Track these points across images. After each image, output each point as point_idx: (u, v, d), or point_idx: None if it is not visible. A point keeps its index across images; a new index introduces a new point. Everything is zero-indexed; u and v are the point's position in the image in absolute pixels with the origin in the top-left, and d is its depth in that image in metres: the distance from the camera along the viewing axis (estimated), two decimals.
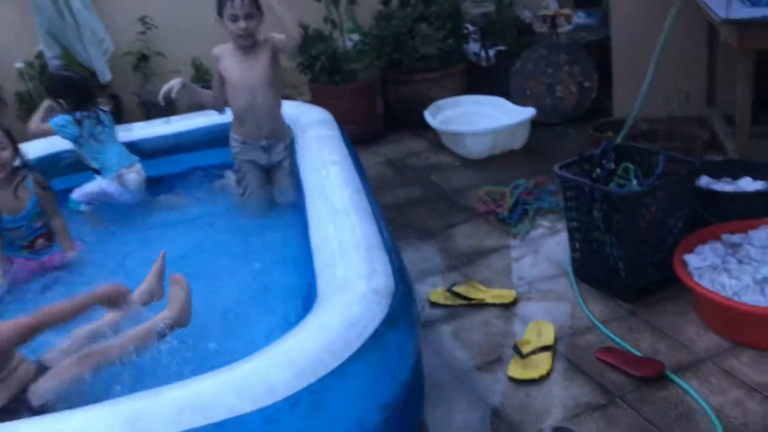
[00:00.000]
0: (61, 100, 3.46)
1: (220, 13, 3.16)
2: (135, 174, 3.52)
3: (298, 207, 3.11)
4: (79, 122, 3.41)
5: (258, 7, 3.15)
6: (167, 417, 1.54)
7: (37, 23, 4.84)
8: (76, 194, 3.50)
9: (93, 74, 4.94)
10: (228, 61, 3.27)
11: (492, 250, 3.28)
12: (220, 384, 1.65)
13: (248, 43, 3.19)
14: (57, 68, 4.77)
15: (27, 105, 5.01)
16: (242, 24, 3.10)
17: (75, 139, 3.46)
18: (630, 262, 2.67)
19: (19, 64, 4.92)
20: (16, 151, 3.02)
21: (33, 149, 3.47)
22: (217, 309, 2.59)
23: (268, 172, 3.49)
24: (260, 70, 3.23)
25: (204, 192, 3.79)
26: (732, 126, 3.53)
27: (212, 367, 1.76)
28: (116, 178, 3.48)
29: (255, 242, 3.16)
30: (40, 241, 3.12)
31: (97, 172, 3.53)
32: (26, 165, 3.09)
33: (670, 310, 2.64)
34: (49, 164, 3.57)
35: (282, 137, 3.45)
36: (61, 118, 3.42)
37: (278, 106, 3.41)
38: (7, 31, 5.06)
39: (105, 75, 4.98)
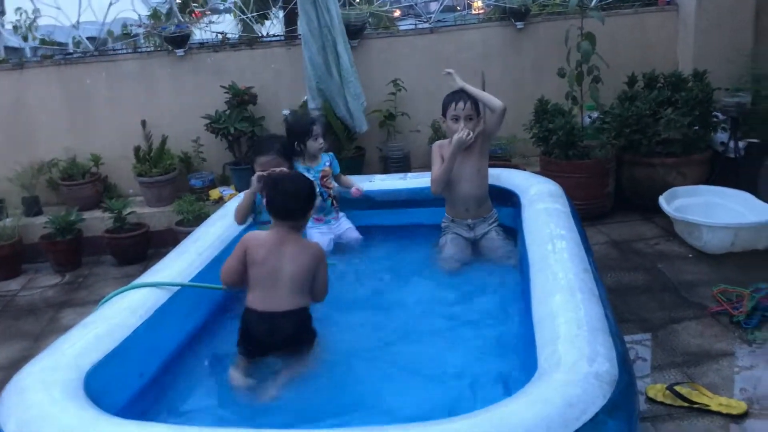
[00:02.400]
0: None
1: (444, 113, 3.57)
2: None
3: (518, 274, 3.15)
4: None
5: (477, 109, 3.49)
6: None
7: (306, 76, 5.45)
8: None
9: (347, 127, 5.44)
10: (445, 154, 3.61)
11: (722, 354, 3.06)
12: None
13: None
14: (318, 118, 5.32)
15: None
16: (462, 124, 3.50)
17: None
18: None
19: (286, 111, 5.55)
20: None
21: None
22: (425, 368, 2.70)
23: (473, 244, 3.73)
24: (472, 163, 3.59)
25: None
26: None
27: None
28: None
29: (475, 304, 3.24)
30: None
31: None
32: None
33: None
34: None
35: (486, 216, 3.72)
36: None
37: (486, 190, 3.70)
38: (282, 81, 5.77)
39: (362, 126, 5.47)
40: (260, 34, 6.10)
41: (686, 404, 2.67)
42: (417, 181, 4.32)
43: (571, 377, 1.93)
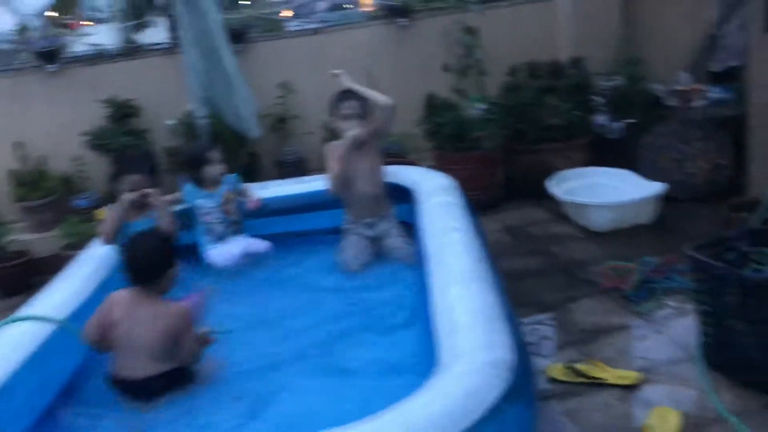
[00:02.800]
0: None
1: (333, 113, 3.62)
2: None
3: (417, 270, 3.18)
4: None
5: (365, 108, 3.60)
6: None
7: (190, 84, 5.28)
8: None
9: (237, 134, 5.32)
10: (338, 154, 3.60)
11: (615, 328, 3.19)
12: None
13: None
14: (204, 127, 5.18)
15: (175, 159, 5.45)
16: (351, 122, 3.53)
17: None
18: (766, 351, 2.51)
19: (170, 122, 5.36)
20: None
21: None
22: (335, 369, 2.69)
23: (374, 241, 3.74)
24: (366, 162, 3.62)
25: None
26: None
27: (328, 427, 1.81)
28: None
29: (371, 302, 3.25)
30: None
31: None
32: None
33: None
34: None
35: (385, 215, 3.76)
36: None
37: (382, 188, 3.73)
38: (165, 91, 5.57)
39: (254, 132, 5.34)
40: (139, 44, 5.87)
41: (585, 380, 2.77)
42: (315, 184, 4.28)
43: (470, 367, 1.97)
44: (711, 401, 2.56)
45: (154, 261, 2.57)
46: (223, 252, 3.72)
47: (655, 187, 4.29)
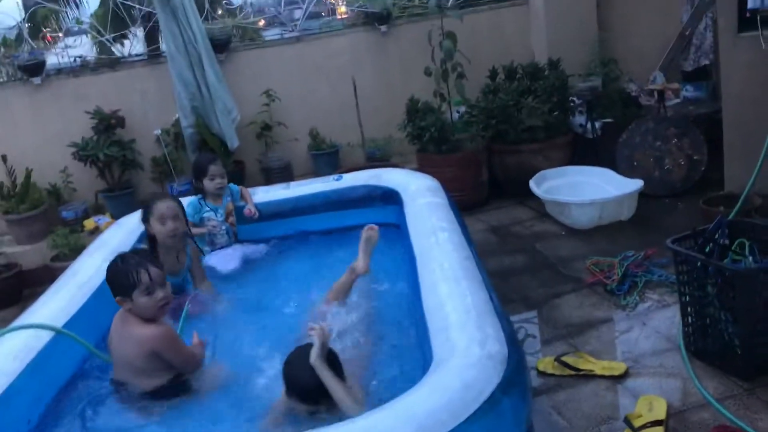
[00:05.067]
0: None
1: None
2: None
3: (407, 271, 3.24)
4: None
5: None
6: None
7: (177, 94, 5.32)
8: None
9: (222, 142, 5.37)
10: None
11: (600, 322, 3.30)
12: None
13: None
14: (191, 136, 5.22)
15: (161, 168, 5.49)
16: None
17: None
18: (746, 339, 2.63)
19: (157, 131, 5.40)
20: (186, 222, 3.29)
21: None
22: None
23: None
24: None
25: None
26: None
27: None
28: None
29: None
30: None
31: None
32: (188, 234, 3.36)
33: None
34: None
35: None
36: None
37: None
38: (149, 101, 5.61)
39: (233, 142, 5.40)
40: (121, 55, 5.90)
41: (573, 372, 2.86)
42: (302, 189, 4.33)
43: (466, 361, 2.04)
44: (696, 388, 2.66)
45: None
46: (225, 257, 3.75)
47: (634, 184, 4.41)
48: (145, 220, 3.20)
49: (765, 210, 3.76)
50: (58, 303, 3.02)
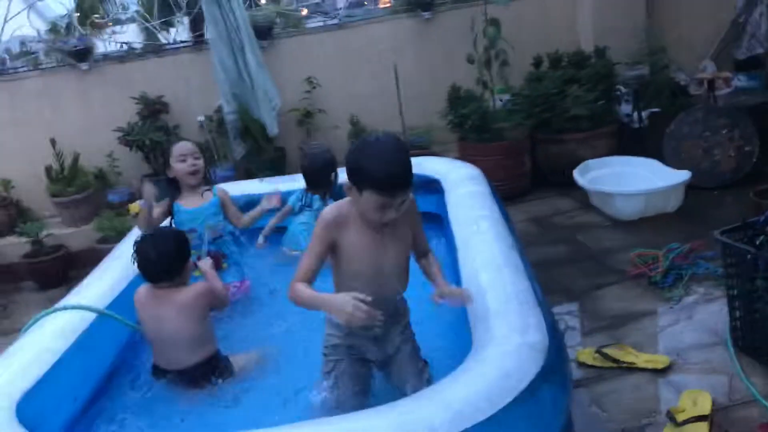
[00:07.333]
0: None
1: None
2: None
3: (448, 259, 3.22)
4: None
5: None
6: None
7: (218, 81, 5.38)
8: None
9: (264, 128, 5.41)
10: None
11: (643, 314, 3.23)
12: (383, 421, 1.77)
13: None
14: (233, 122, 5.26)
15: (204, 154, 5.53)
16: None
17: None
18: None
19: (201, 118, 5.46)
20: (207, 166, 3.41)
21: None
22: None
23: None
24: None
25: None
26: None
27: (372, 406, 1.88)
28: None
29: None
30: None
31: None
32: (213, 182, 3.45)
33: None
34: None
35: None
36: None
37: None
38: (193, 88, 5.67)
39: (273, 129, 5.44)
40: (166, 42, 5.98)
41: (615, 364, 2.81)
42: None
43: (505, 349, 2.02)
44: (742, 384, 2.59)
45: (166, 263, 2.56)
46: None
47: (681, 176, 4.31)
48: (166, 165, 3.32)
49: None
50: (102, 285, 3.09)
